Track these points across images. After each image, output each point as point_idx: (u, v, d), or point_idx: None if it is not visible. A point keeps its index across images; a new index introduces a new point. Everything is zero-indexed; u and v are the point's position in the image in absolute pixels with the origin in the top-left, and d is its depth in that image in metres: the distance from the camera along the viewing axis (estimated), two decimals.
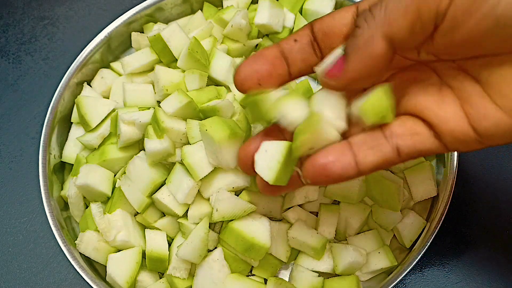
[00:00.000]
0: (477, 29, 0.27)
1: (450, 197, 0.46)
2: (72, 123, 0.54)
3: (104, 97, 0.53)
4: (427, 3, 0.27)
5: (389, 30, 0.28)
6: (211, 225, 0.47)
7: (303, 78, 0.52)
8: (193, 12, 0.59)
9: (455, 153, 0.48)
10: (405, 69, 0.35)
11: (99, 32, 0.55)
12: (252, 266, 0.47)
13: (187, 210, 0.46)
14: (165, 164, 0.47)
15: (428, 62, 0.34)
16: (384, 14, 0.28)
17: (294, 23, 0.55)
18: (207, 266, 0.45)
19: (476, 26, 0.27)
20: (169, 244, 0.47)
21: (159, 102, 0.49)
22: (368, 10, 0.30)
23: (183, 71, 0.50)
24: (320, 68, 0.32)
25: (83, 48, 0.54)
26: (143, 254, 0.47)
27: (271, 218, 0.47)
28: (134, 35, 0.55)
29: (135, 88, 0.50)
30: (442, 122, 0.31)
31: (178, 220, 0.47)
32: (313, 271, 0.46)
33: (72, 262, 0.46)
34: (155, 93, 0.50)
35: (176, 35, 0.50)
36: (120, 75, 0.55)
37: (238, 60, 0.52)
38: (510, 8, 0.25)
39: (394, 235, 0.49)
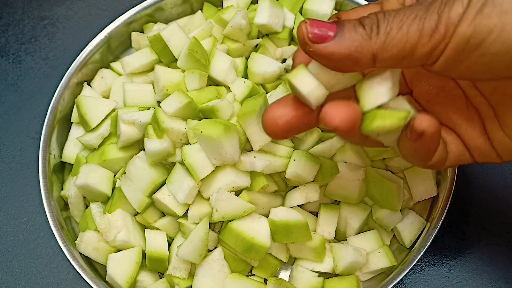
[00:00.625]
0: (469, 71, 0.29)
1: (450, 197, 0.46)
2: (72, 123, 0.54)
3: (104, 97, 0.53)
4: (425, 47, 0.28)
5: (380, 53, 0.29)
6: (211, 225, 0.47)
7: None
8: (193, 12, 0.59)
9: None
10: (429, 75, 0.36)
11: (99, 32, 0.55)
12: (252, 266, 0.47)
13: (187, 210, 0.46)
14: (165, 164, 0.47)
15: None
16: (384, 38, 0.29)
17: (294, 23, 0.55)
18: (207, 266, 0.45)
19: (468, 70, 0.29)
20: (169, 244, 0.47)
21: (159, 102, 0.49)
22: (377, 19, 0.30)
23: (183, 71, 0.50)
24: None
25: (83, 48, 0.54)
26: (143, 254, 0.47)
27: None
28: (134, 35, 0.55)
29: (135, 88, 0.50)
30: (471, 139, 0.35)
31: (178, 220, 0.47)
32: (313, 271, 0.46)
33: (72, 262, 0.46)
34: (155, 93, 0.50)
35: (176, 35, 0.50)
36: (120, 75, 0.55)
37: (238, 60, 0.52)
38: (496, 57, 0.27)
39: (394, 235, 0.49)
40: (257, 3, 0.54)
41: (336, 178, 0.47)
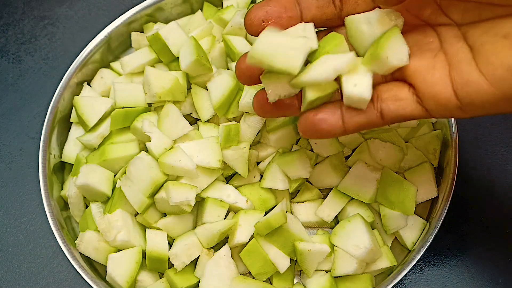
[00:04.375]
0: None
1: (450, 197, 0.46)
2: (72, 123, 0.54)
3: (104, 97, 0.53)
4: None
5: None
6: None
7: None
8: (193, 12, 0.59)
9: (455, 153, 0.48)
10: (413, 30, 0.35)
11: (99, 32, 0.55)
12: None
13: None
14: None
15: (435, 25, 0.34)
16: None
17: None
18: (214, 263, 0.45)
19: None
20: (170, 244, 0.47)
21: (149, 104, 0.50)
22: None
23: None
24: None
25: (83, 48, 0.54)
26: (143, 254, 0.47)
27: None
28: (134, 35, 0.55)
29: (125, 87, 0.50)
30: (427, 86, 0.33)
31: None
32: (317, 270, 0.46)
33: (72, 262, 0.46)
34: (146, 94, 0.49)
35: (175, 33, 0.50)
36: (120, 75, 0.55)
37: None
38: None
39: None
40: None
41: (353, 175, 0.47)
